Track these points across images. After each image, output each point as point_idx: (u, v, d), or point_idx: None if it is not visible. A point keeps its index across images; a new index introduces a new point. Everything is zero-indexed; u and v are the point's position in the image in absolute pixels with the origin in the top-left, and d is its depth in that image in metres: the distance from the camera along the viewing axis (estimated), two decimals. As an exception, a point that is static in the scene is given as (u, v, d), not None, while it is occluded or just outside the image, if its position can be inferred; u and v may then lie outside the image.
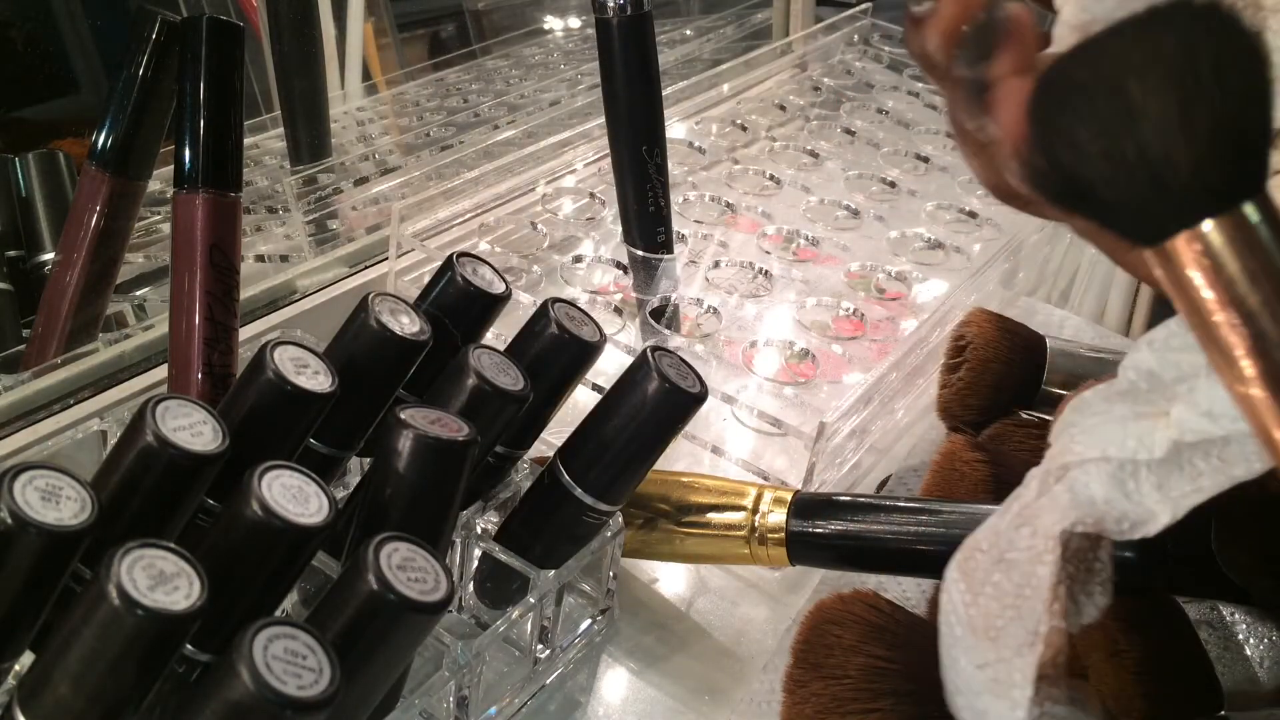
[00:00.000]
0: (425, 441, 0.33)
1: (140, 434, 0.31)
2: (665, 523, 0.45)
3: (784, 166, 0.76)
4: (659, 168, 0.56)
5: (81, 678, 0.27)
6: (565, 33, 1.03)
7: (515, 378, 0.39)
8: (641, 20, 0.54)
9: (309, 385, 0.35)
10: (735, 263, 0.64)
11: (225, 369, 0.43)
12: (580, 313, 0.43)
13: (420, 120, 0.84)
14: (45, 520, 0.28)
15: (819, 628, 0.37)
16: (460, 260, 0.43)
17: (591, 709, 0.43)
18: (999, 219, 0.71)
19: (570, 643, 0.44)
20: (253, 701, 0.25)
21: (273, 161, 0.73)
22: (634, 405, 0.39)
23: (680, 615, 0.48)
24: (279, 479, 0.31)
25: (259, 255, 0.66)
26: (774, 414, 0.49)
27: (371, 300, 0.38)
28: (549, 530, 0.41)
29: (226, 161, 0.43)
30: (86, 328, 0.51)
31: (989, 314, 0.52)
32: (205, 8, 0.72)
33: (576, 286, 0.61)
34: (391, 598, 0.29)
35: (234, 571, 0.30)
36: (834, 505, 0.43)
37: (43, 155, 0.58)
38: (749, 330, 0.58)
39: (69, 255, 0.49)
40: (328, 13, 0.73)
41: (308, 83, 0.67)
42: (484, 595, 0.44)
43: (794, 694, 0.37)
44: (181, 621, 0.26)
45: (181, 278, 0.43)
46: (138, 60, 0.46)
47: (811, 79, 0.91)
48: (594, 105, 0.81)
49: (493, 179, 0.65)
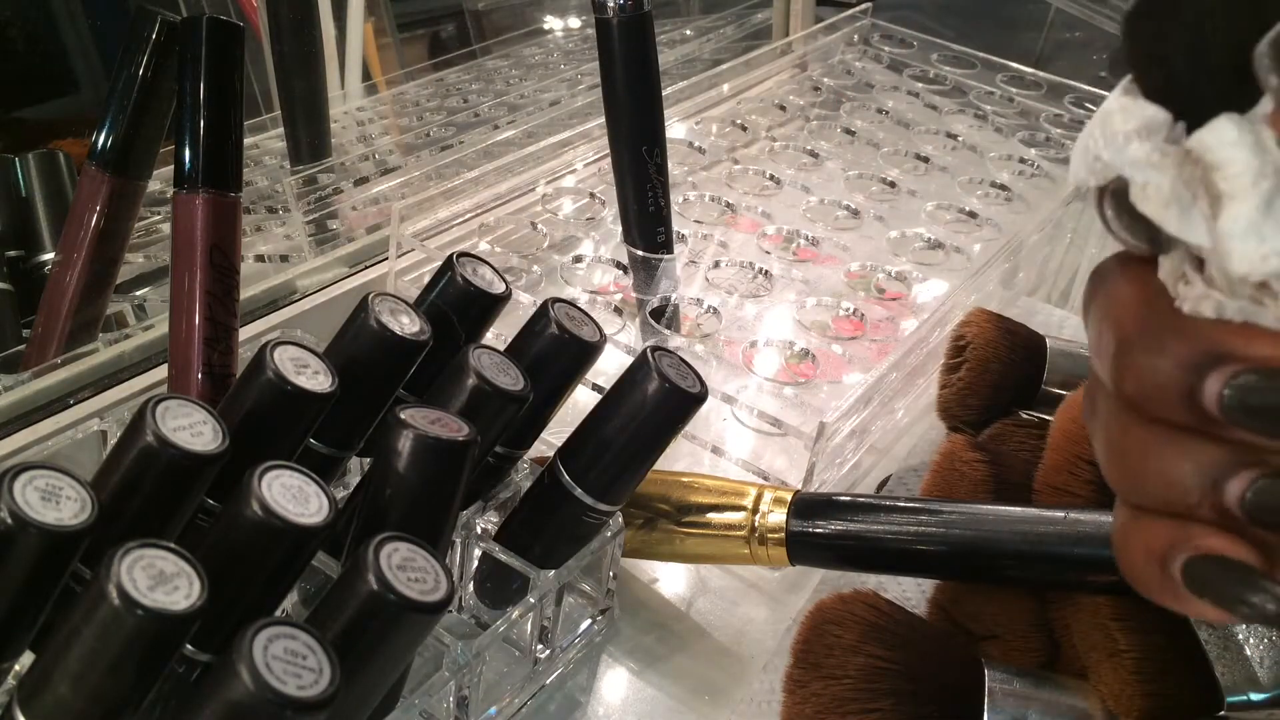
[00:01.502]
0: (425, 441, 0.33)
1: (140, 434, 0.31)
2: (665, 523, 0.45)
3: (784, 166, 0.76)
4: (659, 168, 0.56)
5: (81, 678, 0.27)
6: (565, 33, 1.03)
7: (515, 378, 0.39)
8: (641, 20, 0.53)
9: (309, 385, 0.35)
10: (735, 263, 0.64)
11: (225, 369, 0.43)
12: (580, 313, 0.43)
13: (420, 120, 0.84)
14: (45, 520, 0.28)
15: (819, 628, 0.37)
16: (460, 260, 0.43)
17: (591, 709, 0.43)
18: (999, 219, 0.71)
19: (570, 643, 0.44)
20: (253, 701, 0.25)
21: (273, 161, 0.73)
22: (634, 405, 0.39)
23: (680, 615, 0.48)
24: (279, 479, 0.31)
25: (259, 255, 0.66)
26: (774, 414, 0.49)
27: (371, 300, 0.38)
28: (549, 530, 0.41)
29: (226, 161, 0.43)
30: (86, 328, 0.51)
31: (989, 314, 0.52)
32: (205, 8, 0.72)
33: (576, 286, 0.61)
34: (391, 598, 0.29)
35: (234, 571, 0.30)
36: (834, 505, 0.43)
37: (43, 155, 0.58)
38: (749, 330, 0.58)
39: (69, 255, 0.49)
40: (328, 13, 0.73)
41: (308, 83, 0.67)
42: (484, 595, 0.44)
43: (794, 694, 0.37)
44: (181, 621, 0.26)
45: (181, 278, 0.43)
46: (137, 60, 0.46)
47: (811, 79, 0.91)
48: (594, 105, 0.81)
49: (493, 179, 0.65)
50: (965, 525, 0.40)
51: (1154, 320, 0.22)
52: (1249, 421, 0.21)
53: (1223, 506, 0.22)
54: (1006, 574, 0.40)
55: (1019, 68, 0.92)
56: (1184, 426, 0.22)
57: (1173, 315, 0.21)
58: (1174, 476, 0.22)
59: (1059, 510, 0.39)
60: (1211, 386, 0.21)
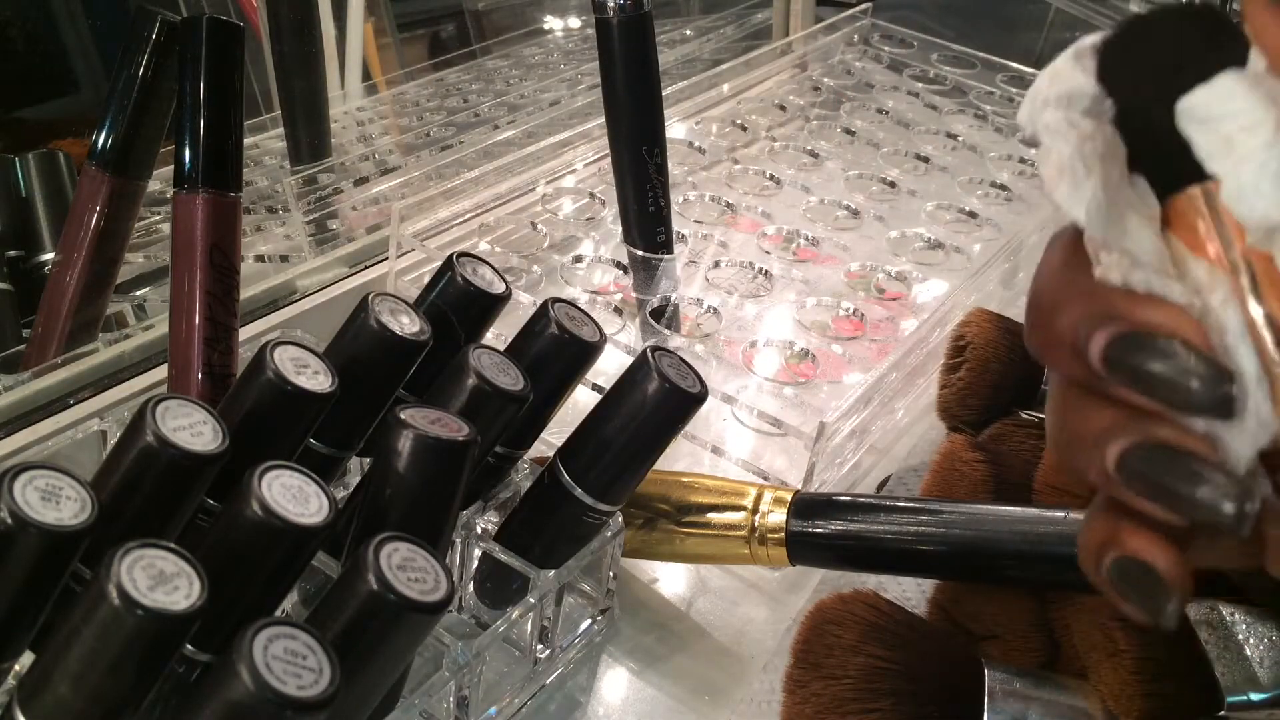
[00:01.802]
0: (425, 441, 0.33)
1: (140, 434, 0.31)
2: (665, 523, 0.45)
3: (784, 166, 0.76)
4: (659, 168, 0.56)
5: (81, 678, 0.27)
6: (565, 33, 1.03)
7: (515, 378, 0.39)
8: (641, 20, 0.53)
9: (309, 385, 0.35)
10: (735, 263, 0.64)
11: (225, 369, 0.43)
12: (580, 313, 0.43)
13: (420, 120, 0.84)
14: (45, 520, 0.28)
15: (819, 628, 0.37)
16: (460, 260, 0.43)
17: (591, 709, 0.43)
18: (999, 219, 0.71)
19: (570, 643, 0.44)
20: (253, 701, 0.25)
21: (273, 161, 0.73)
22: (634, 405, 0.39)
23: (680, 615, 0.48)
24: (279, 479, 0.31)
25: (259, 255, 0.66)
26: (774, 414, 0.49)
27: (371, 300, 0.38)
28: (549, 530, 0.41)
29: (226, 161, 0.43)
30: (86, 328, 0.51)
31: (989, 314, 0.52)
32: (205, 8, 0.72)
33: (576, 286, 0.61)
34: (391, 598, 0.29)
35: (234, 571, 0.30)
36: (834, 505, 0.43)
37: (43, 155, 0.58)
38: (749, 330, 0.58)
39: (69, 255, 0.49)
40: (328, 13, 0.73)
41: (308, 83, 0.67)
42: (484, 595, 0.44)
43: (794, 694, 0.37)
44: (181, 621, 0.26)
45: (181, 278, 0.43)
46: (137, 60, 0.46)
47: (811, 79, 0.91)
48: (594, 105, 0.81)
49: (493, 179, 0.65)
50: (965, 525, 0.40)
51: (1067, 283, 0.23)
52: (1127, 380, 0.21)
53: (1105, 472, 0.22)
54: (1006, 574, 0.40)
55: (1019, 68, 0.92)
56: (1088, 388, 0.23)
57: (1085, 280, 0.22)
58: (1075, 436, 0.23)
59: (1059, 510, 0.39)
60: (1095, 344, 0.21)
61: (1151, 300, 0.21)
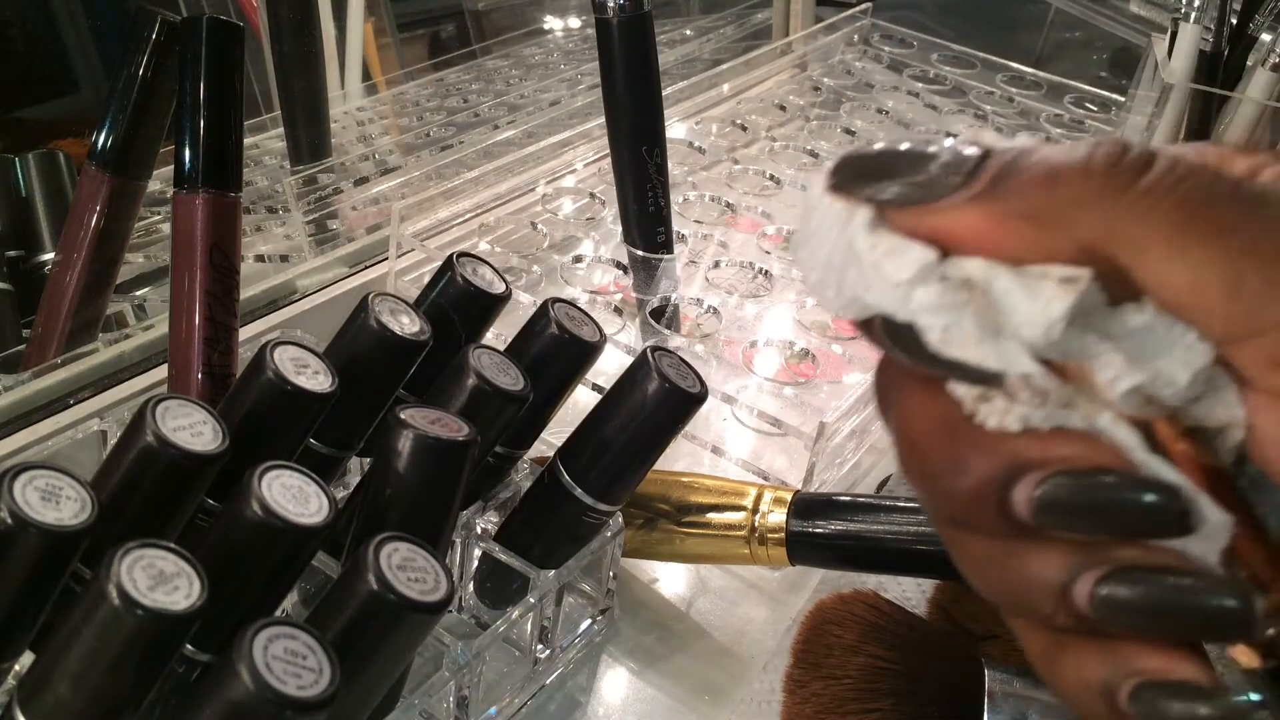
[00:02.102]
0: (425, 441, 0.33)
1: (140, 434, 0.31)
2: (665, 523, 0.45)
3: (784, 166, 0.76)
4: (659, 168, 0.56)
5: (81, 678, 0.27)
6: (565, 33, 1.03)
7: (515, 378, 0.39)
8: (641, 20, 0.53)
9: (309, 385, 0.35)
10: (735, 263, 0.64)
11: (225, 369, 0.43)
12: (580, 313, 0.43)
13: (420, 120, 0.84)
14: (45, 520, 0.28)
15: (819, 628, 0.37)
16: (460, 260, 0.43)
17: (591, 709, 0.43)
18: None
19: (570, 643, 0.44)
20: (253, 701, 0.25)
21: (273, 161, 0.73)
22: (634, 405, 0.39)
23: (680, 615, 0.48)
24: (279, 479, 0.31)
25: (259, 255, 0.66)
26: (774, 414, 0.49)
27: (371, 300, 0.38)
28: (549, 530, 0.41)
29: (226, 161, 0.43)
30: (86, 328, 0.51)
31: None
32: (205, 8, 0.72)
33: (576, 286, 0.61)
34: (391, 598, 0.29)
35: (234, 571, 0.30)
36: (834, 505, 0.43)
37: (43, 155, 0.58)
38: (749, 330, 0.58)
39: (69, 255, 0.49)
40: (328, 13, 0.73)
41: (308, 83, 0.67)
42: (484, 595, 0.44)
43: (794, 694, 0.37)
44: (181, 621, 0.26)
45: (181, 278, 0.43)
46: (137, 60, 0.46)
47: (811, 79, 0.91)
48: (594, 105, 0.81)
49: (493, 179, 0.65)
50: (965, 525, 0.40)
51: (953, 441, 0.21)
52: (1064, 524, 0.20)
53: (1077, 611, 0.20)
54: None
55: (1019, 68, 0.92)
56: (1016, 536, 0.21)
57: (970, 432, 0.20)
58: (1018, 583, 0.21)
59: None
60: (1020, 496, 0.20)
61: (1055, 436, 0.20)
